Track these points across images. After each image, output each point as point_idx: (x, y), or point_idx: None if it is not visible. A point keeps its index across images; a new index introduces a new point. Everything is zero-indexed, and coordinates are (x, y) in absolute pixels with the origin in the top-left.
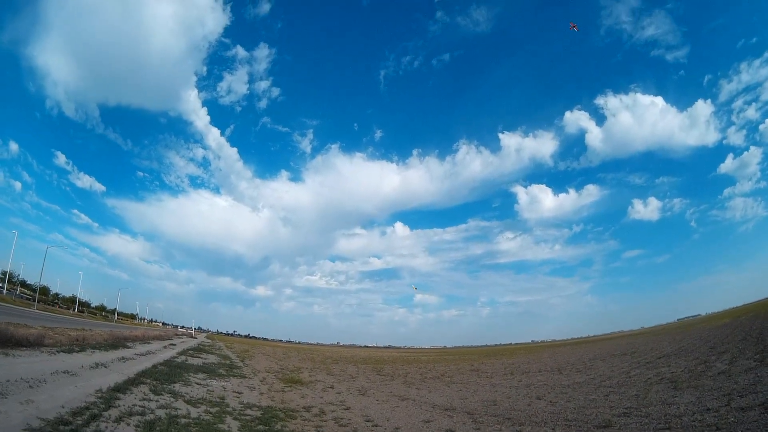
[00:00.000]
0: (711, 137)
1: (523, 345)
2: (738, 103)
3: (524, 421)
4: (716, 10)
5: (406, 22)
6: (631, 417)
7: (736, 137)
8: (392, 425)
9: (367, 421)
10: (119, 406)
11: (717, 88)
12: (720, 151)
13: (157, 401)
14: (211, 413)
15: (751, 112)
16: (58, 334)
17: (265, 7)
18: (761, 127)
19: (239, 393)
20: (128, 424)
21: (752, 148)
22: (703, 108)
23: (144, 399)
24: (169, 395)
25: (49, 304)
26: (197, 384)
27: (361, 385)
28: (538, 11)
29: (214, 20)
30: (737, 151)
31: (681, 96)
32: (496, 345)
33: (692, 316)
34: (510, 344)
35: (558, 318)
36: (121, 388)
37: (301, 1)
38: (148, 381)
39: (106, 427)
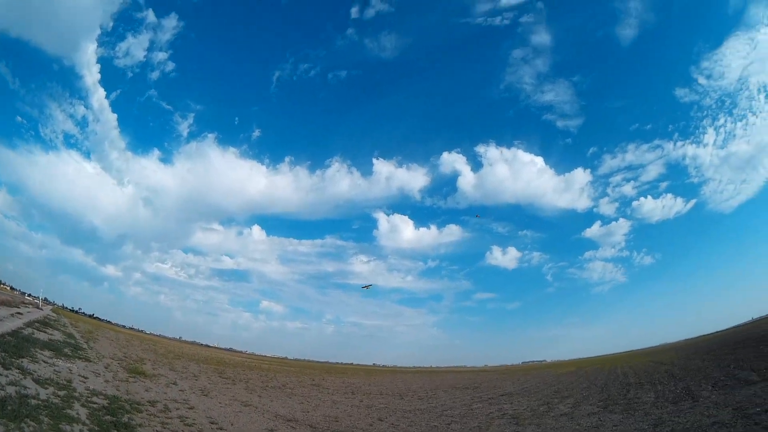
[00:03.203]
0: (582, 203)
1: (364, 366)
2: (617, 178)
3: None
4: (620, 92)
5: (315, 31)
6: None
7: (607, 208)
8: (237, 429)
9: (212, 423)
10: None
11: (599, 161)
12: (589, 217)
13: (6, 377)
14: (59, 396)
15: (628, 189)
16: None
17: None
18: (635, 203)
19: (85, 378)
20: None
21: (621, 219)
22: (581, 176)
23: None
24: (17, 371)
25: None
26: (44, 362)
27: (203, 386)
28: (446, 52)
29: None
30: (606, 220)
31: (562, 161)
32: (336, 363)
33: (537, 361)
34: (351, 364)
35: (402, 345)
36: None
37: None
38: None
39: None
